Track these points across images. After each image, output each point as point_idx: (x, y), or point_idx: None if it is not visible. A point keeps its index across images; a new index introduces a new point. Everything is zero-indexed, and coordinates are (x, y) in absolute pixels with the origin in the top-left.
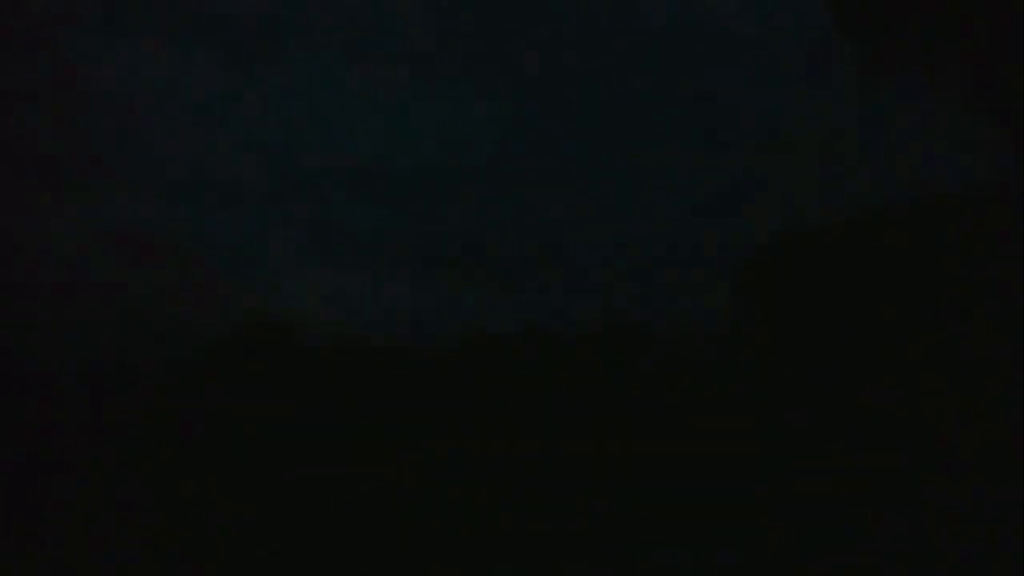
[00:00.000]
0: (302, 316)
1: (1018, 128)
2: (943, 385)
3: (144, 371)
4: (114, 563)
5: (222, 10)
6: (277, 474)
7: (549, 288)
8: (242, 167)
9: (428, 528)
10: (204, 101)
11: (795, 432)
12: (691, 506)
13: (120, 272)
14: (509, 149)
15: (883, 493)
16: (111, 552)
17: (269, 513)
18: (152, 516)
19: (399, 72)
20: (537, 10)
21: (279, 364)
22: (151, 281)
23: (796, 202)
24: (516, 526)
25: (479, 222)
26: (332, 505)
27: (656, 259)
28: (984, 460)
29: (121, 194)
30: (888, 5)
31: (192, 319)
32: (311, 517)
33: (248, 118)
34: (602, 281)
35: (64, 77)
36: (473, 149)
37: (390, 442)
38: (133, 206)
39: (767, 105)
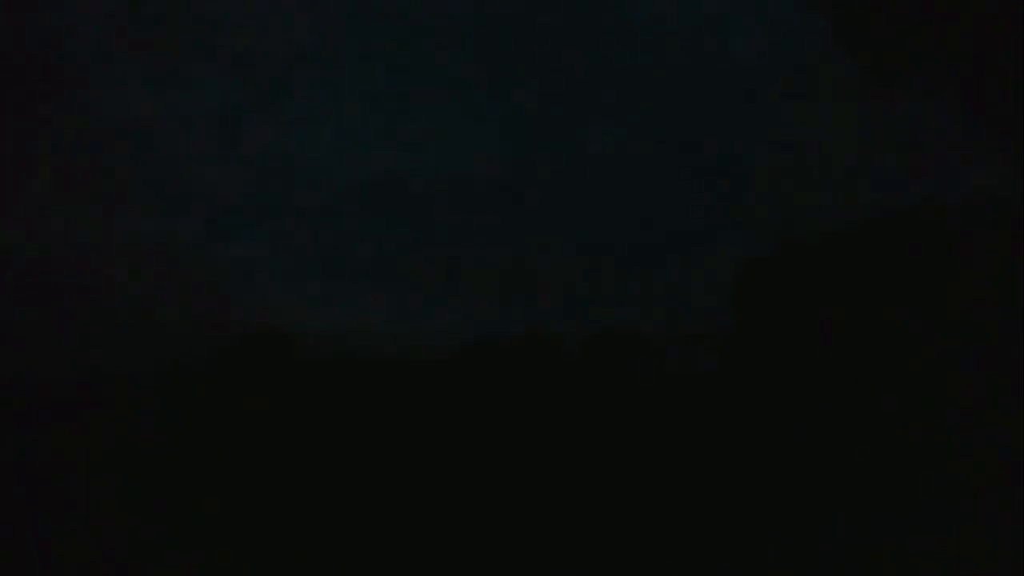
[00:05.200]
0: (303, 328)
1: (1017, 139)
2: (943, 393)
3: (145, 381)
4: (109, 570)
5: (236, 41)
6: (276, 483)
7: (549, 296)
8: (248, 184)
9: (427, 536)
10: (216, 123)
11: (795, 439)
12: (690, 510)
13: (130, 284)
14: (507, 156)
15: (883, 499)
16: (106, 559)
17: (268, 521)
18: (150, 526)
19: (403, 95)
20: (537, 30)
21: (279, 374)
22: (155, 292)
23: (795, 211)
24: (515, 533)
25: (477, 231)
26: (331, 513)
27: (656, 266)
28: (984, 470)
29: (134, 209)
30: (886, 16)
31: (194, 330)
32: (311, 525)
33: (257, 140)
34: (601, 288)
35: (85, 102)
36: (471, 159)
37: (390, 452)
38: (145, 220)
39: (765, 114)
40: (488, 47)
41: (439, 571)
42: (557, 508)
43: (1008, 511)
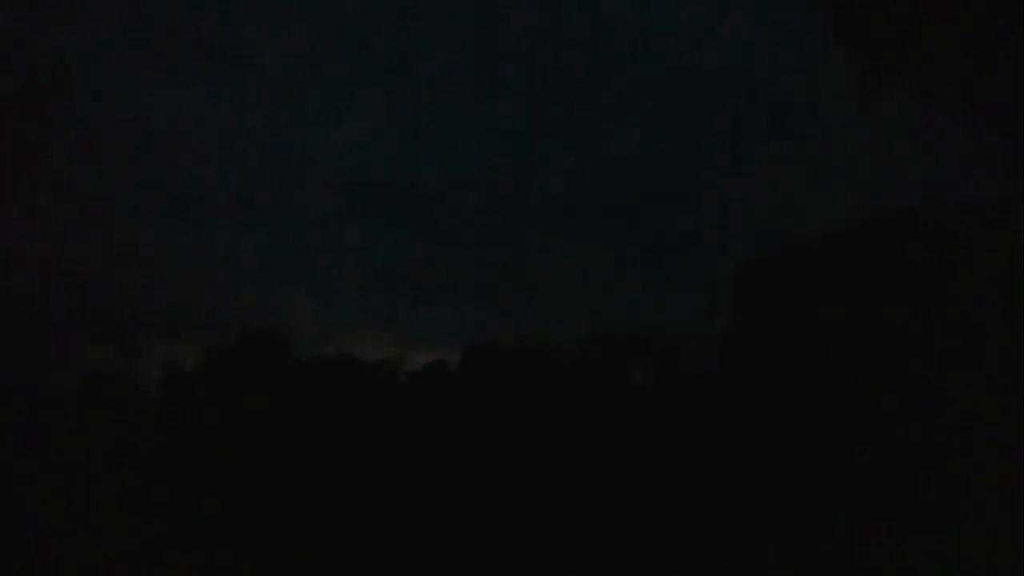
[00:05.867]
0: (302, 328)
1: (1017, 139)
2: (943, 393)
3: (145, 381)
4: (109, 569)
5: (239, 44)
6: (275, 482)
7: (548, 300)
8: (248, 184)
9: (427, 536)
10: (217, 124)
11: (795, 439)
12: (691, 510)
13: (130, 284)
14: (508, 157)
15: (883, 499)
16: (106, 558)
17: (267, 520)
18: (149, 525)
19: (405, 98)
20: (538, 34)
21: (279, 374)
22: (156, 292)
23: (795, 211)
24: (516, 532)
25: (477, 232)
26: (331, 512)
27: (656, 267)
28: (984, 470)
29: (134, 209)
30: (886, 15)
31: (194, 330)
32: (310, 524)
33: (258, 141)
34: (601, 291)
35: (86, 102)
36: (472, 160)
37: (389, 451)
38: (145, 221)
39: (765, 114)
40: (490, 52)
41: (439, 571)
42: (558, 507)
43: (1008, 511)
